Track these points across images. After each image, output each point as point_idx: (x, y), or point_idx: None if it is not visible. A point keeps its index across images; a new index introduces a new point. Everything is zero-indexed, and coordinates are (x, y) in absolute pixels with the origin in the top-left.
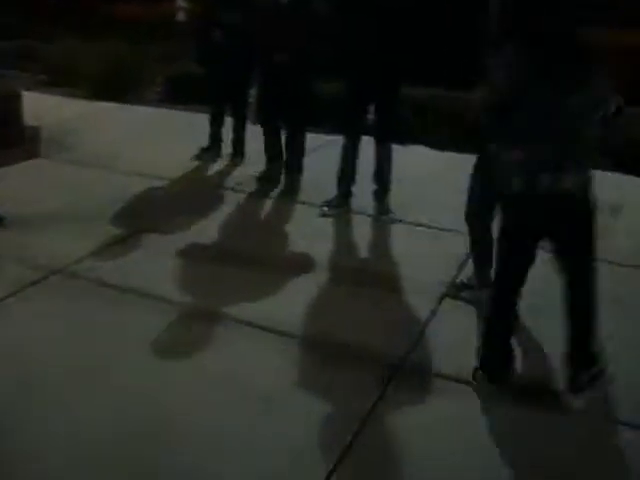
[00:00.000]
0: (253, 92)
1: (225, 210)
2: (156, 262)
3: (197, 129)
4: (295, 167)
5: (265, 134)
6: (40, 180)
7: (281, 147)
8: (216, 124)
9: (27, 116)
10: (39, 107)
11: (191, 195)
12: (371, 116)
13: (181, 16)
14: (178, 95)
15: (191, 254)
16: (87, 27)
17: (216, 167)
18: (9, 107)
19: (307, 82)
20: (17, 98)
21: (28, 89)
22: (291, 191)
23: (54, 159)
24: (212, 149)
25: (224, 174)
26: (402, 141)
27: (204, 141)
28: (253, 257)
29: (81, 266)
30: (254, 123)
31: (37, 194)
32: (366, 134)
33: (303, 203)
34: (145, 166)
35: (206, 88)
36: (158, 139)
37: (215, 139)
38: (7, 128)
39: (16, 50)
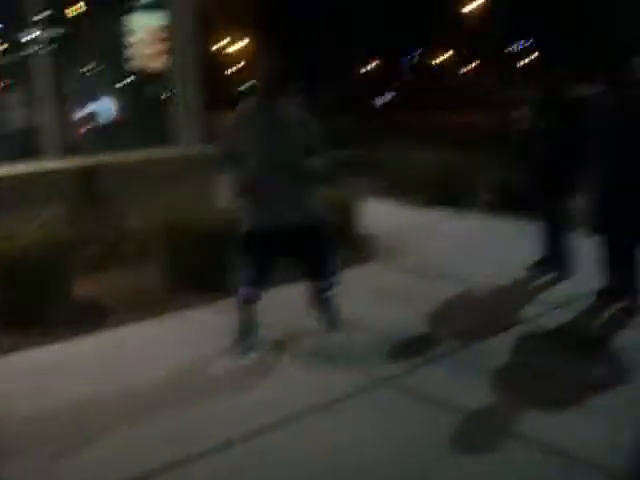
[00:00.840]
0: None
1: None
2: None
3: (528, 239)
4: None
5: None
6: (373, 286)
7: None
8: (547, 235)
9: (364, 222)
10: (375, 214)
11: (513, 308)
12: None
13: (520, 125)
14: (510, 204)
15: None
16: (419, 136)
17: (543, 281)
18: (349, 214)
19: None
20: (355, 205)
21: (365, 196)
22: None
23: (386, 265)
24: (546, 262)
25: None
26: None
27: (536, 252)
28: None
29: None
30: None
31: (369, 301)
32: None
33: None
34: (475, 275)
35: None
36: (490, 248)
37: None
38: (346, 233)
39: (356, 158)
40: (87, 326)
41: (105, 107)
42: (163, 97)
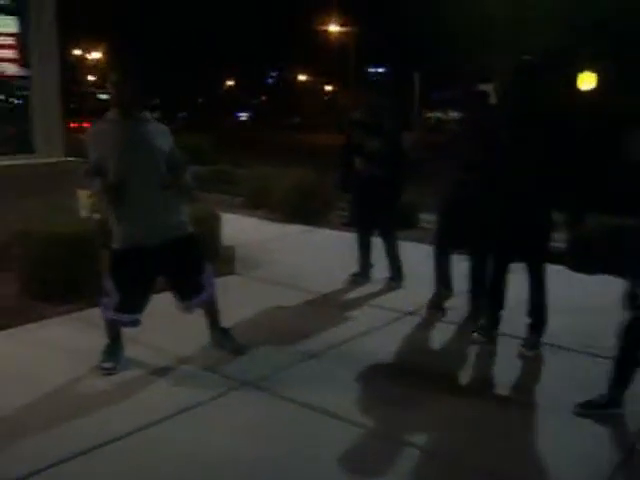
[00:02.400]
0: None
1: (400, 331)
2: (337, 379)
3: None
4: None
5: (436, 260)
6: (234, 295)
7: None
8: (363, 249)
9: (224, 236)
10: (235, 228)
11: (357, 315)
12: None
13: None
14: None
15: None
16: (275, 154)
17: (372, 290)
18: (209, 227)
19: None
20: (217, 219)
21: (225, 211)
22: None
23: (245, 276)
24: (362, 274)
25: (389, 298)
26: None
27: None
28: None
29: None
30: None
31: (231, 307)
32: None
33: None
34: (321, 286)
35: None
36: (335, 261)
37: (364, 264)
38: (207, 246)
39: (213, 174)
40: None
41: None
42: (14, 103)
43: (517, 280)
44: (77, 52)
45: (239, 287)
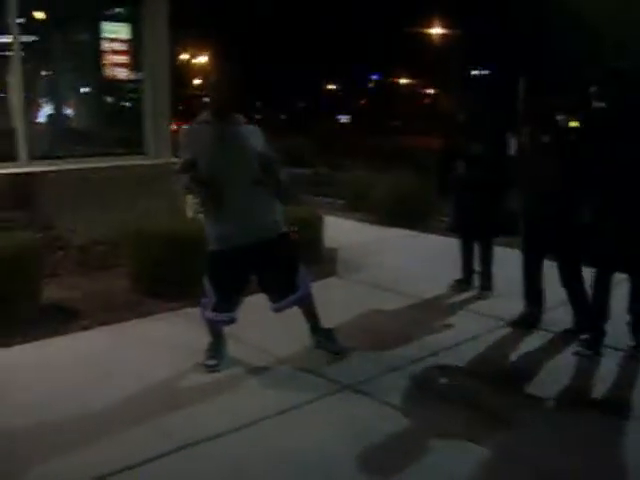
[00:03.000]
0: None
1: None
2: (438, 388)
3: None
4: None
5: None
6: (335, 297)
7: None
8: (466, 255)
9: (326, 238)
10: (336, 230)
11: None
12: None
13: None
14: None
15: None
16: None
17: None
18: (312, 229)
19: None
20: (319, 221)
21: (326, 213)
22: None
23: (346, 279)
24: (465, 280)
25: (490, 306)
26: None
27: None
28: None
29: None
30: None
31: (331, 309)
32: None
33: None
34: (423, 291)
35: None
36: (436, 266)
37: (467, 270)
38: (310, 249)
39: (313, 177)
40: (51, 329)
41: (61, 113)
42: (125, 106)
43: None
44: (185, 56)
45: (340, 289)
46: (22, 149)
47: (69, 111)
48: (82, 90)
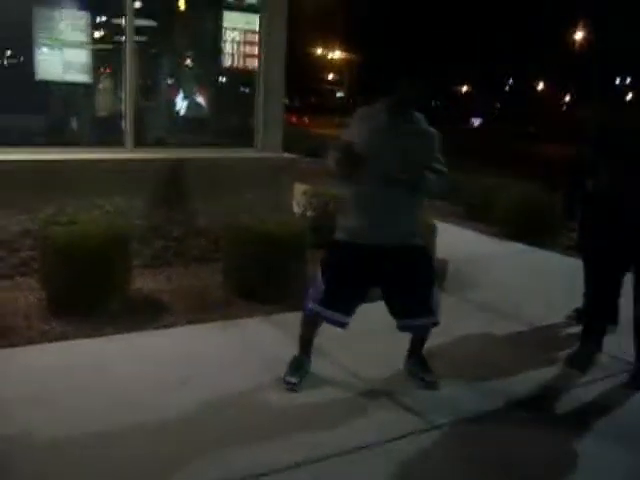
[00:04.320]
0: None
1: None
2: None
3: None
4: None
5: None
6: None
7: None
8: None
9: (438, 248)
10: (448, 239)
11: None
12: None
13: None
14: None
15: None
16: (506, 163)
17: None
18: (426, 239)
19: None
20: (432, 230)
21: (441, 220)
22: None
23: (455, 296)
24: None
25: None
26: None
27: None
28: None
29: None
30: None
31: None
32: None
33: None
34: (539, 318)
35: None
36: (556, 290)
37: None
38: None
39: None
40: (138, 323)
41: (194, 102)
42: (238, 97)
43: None
44: (319, 51)
45: (446, 309)
46: (128, 135)
47: (180, 100)
48: (196, 79)
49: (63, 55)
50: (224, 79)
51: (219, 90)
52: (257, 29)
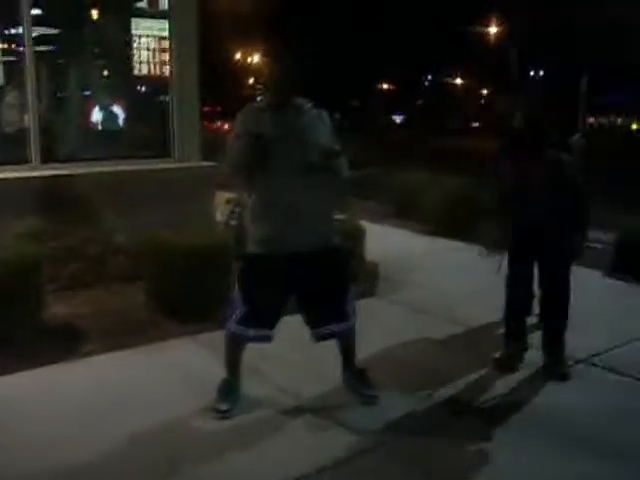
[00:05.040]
0: None
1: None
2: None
3: None
4: None
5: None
6: (370, 322)
7: None
8: None
9: (368, 250)
10: (378, 240)
11: None
12: None
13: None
14: None
15: None
16: (432, 158)
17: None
18: (352, 242)
19: None
20: (361, 233)
21: (370, 220)
22: None
23: (387, 299)
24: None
25: None
26: None
27: None
28: None
29: None
30: None
31: (365, 337)
32: None
33: None
34: (474, 319)
35: None
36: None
37: None
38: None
39: (361, 179)
40: (52, 354)
41: (107, 113)
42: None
43: None
44: (238, 56)
45: (379, 313)
46: (34, 151)
47: (92, 111)
48: (105, 88)
49: None
50: (137, 88)
51: (132, 100)
52: (167, 35)
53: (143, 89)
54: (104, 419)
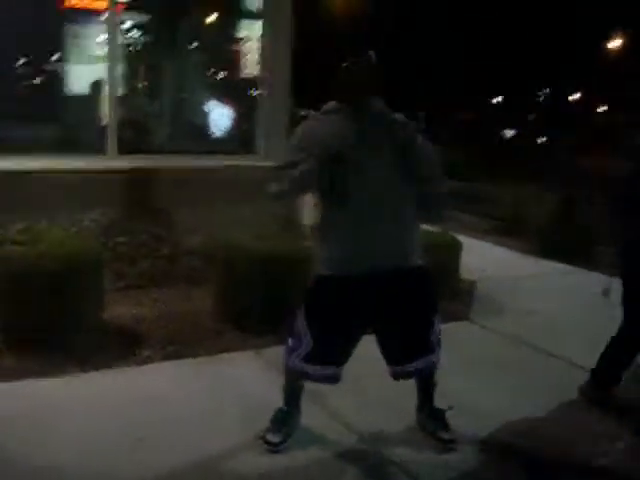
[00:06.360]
0: None
1: None
2: None
3: None
4: None
5: None
6: (459, 352)
7: None
8: None
9: (464, 267)
10: (477, 257)
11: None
12: None
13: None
14: None
15: None
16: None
17: None
18: (446, 256)
19: None
20: (457, 248)
21: (470, 235)
22: None
23: (481, 325)
24: None
25: None
26: None
27: None
28: None
29: None
30: None
31: (450, 371)
32: None
33: None
34: (584, 357)
35: None
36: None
37: None
38: (439, 281)
39: (465, 191)
40: (106, 358)
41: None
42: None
43: None
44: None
45: (470, 340)
46: (110, 142)
47: (172, 106)
48: (196, 87)
49: None
50: (227, 83)
51: (222, 95)
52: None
53: (233, 84)
54: (145, 437)
